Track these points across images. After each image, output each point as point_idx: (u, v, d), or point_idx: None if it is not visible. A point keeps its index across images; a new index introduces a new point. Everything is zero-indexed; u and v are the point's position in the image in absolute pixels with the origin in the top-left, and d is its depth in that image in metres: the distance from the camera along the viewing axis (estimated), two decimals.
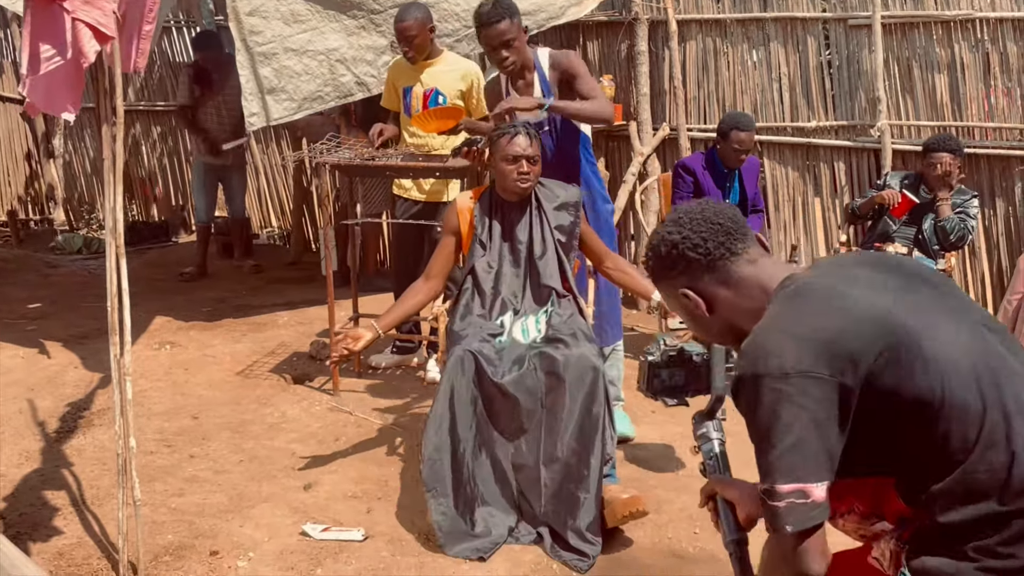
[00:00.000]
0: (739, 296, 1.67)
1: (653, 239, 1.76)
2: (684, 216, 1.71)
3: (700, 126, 6.29)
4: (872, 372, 1.46)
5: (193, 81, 6.97)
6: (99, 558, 3.07)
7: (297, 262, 7.71)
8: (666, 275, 1.74)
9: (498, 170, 3.53)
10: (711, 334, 1.77)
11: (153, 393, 4.65)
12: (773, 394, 1.47)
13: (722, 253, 1.68)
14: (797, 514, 1.46)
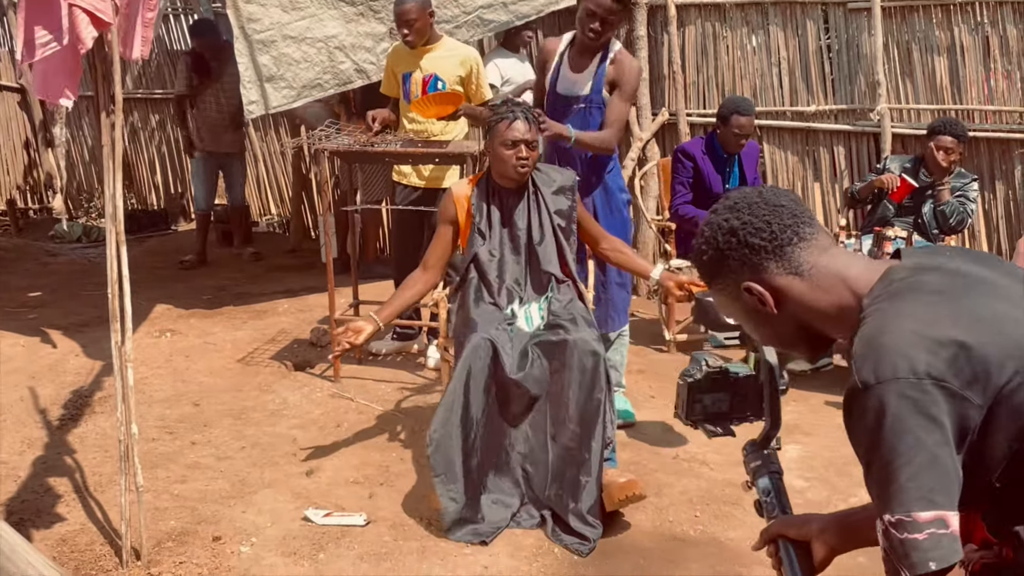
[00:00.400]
0: (814, 288, 1.44)
1: (706, 231, 1.51)
2: (740, 201, 1.49)
3: (699, 111, 6.28)
4: (1001, 392, 1.25)
5: (191, 69, 6.95)
6: (102, 544, 3.08)
7: (297, 250, 7.71)
8: (724, 270, 1.48)
9: (496, 156, 3.48)
10: (779, 337, 1.53)
11: (154, 380, 4.66)
12: (903, 404, 1.23)
13: (790, 237, 1.44)
14: (941, 548, 1.20)
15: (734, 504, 3.41)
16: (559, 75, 3.99)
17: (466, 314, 3.48)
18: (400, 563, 3.00)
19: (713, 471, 3.68)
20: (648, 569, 2.99)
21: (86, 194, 9.30)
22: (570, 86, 3.97)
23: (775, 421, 1.64)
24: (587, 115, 3.97)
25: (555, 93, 4.00)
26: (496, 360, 3.23)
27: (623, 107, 4.02)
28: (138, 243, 7.94)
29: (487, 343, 3.23)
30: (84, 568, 2.94)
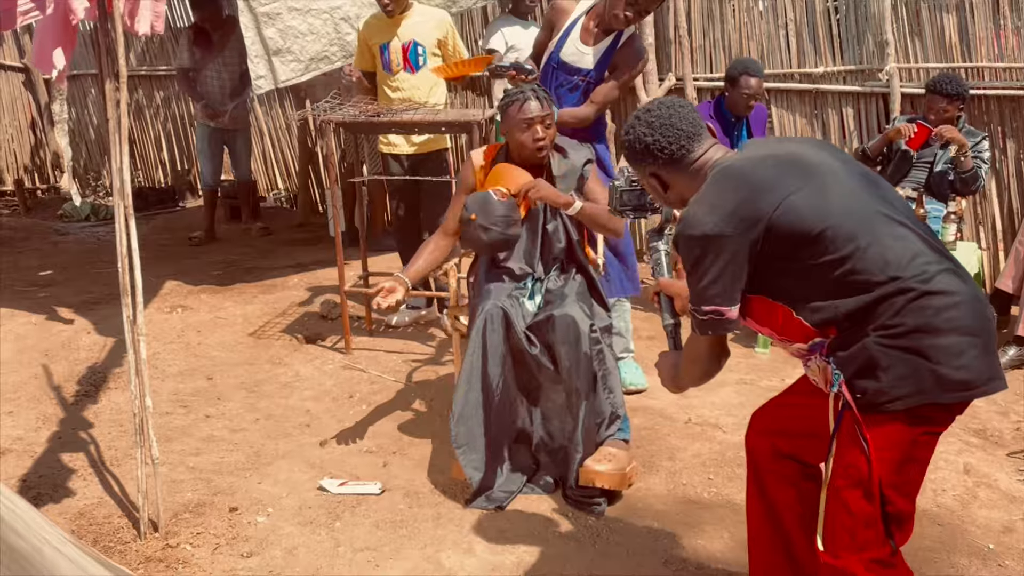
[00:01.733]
0: (690, 180, 2.14)
1: (631, 132, 2.17)
2: (655, 120, 2.14)
3: (707, 75, 6.22)
4: (769, 227, 1.95)
5: (192, 43, 6.92)
6: (120, 516, 3.11)
7: (305, 223, 7.71)
8: (637, 162, 2.21)
9: (513, 140, 3.41)
10: (666, 202, 2.27)
11: (167, 355, 4.68)
12: (697, 248, 2.00)
13: (682, 153, 2.13)
14: (713, 327, 2.06)
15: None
16: (566, 39, 3.94)
17: (479, 283, 3.47)
18: (416, 530, 3.02)
19: (726, 434, 3.68)
20: (663, 532, 3.00)
21: (93, 173, 9.31)
22: (575, 56, 3.93)
23: (667, 216, 2.40)
24: (581, 89, 3.93)
25: (557, 57, 3.96)
26: (509, 329, 3.22)
27: (613, 91, 3.97)
28: (146, 221, 7.95)
29: (499, 312, 3.22)
30: (103, 540, 2.96)
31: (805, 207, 1.95)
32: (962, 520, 3.04)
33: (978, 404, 3.92)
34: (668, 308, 2.34)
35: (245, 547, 2.93)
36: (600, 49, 3.91)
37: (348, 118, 4.51)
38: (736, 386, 4.18)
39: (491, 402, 3.21)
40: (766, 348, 4.63)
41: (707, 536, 2.96)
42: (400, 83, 4.76)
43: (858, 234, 1.93)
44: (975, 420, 3.77)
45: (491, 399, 3.21)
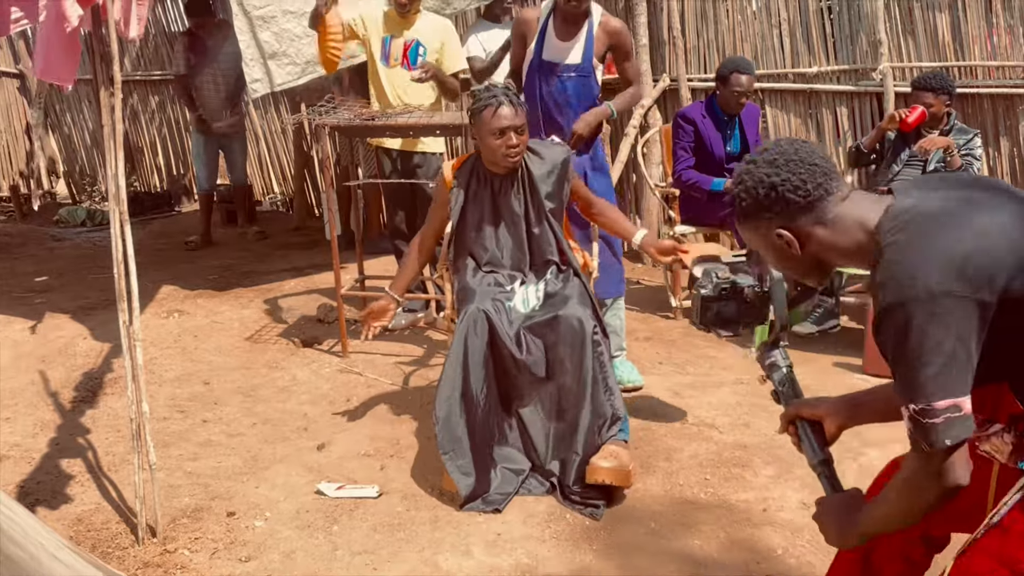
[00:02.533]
0: (835, 233, 1.70)
1: (747, 180, 1.74)
2: (779, 157, 1.72)
3: (700, 76, 6.25)
4: (1007, 286, 1.53)
5: (187, 49, 6.93)
6: (118, 522, 3.11)
7: (301, 227, 7.72)
8: (761, 216, 1.74)
9: (485, 145, 3.35)
10: (798, 271, 1.82)
11: (163, 360, 4.68)
12: (922, 316, 1.51)
13: (820, 194, 1.70)
14: (955, 428, 1.53)
15: (743, 467, 3.42)
16: (544, 43, 3.98)
17: (464, 284, 3.48)
18: (414, 533, 3.03)
19: (722, 434, 3.69)
20: (660, 533, 3.00)
21: (88, 178, 9.30)
22: (558, 53, 3.97)
23: (783, 324, 1.93)
24: (580, 84, 3.97)
25: (541, 60, 3.99)
26: (493, 332, 3.23)
27: (635, 63, 4.13)
28: (142, 225, 7.95)
29: (482, 316, 3.23)
30: (101, 546, 2.96)
31: None
32: None
33: None
34: (812, 441, 1.89)
35: (243, 551, 2.93)
36: (580, 40, 3.97)
37: (343, 122, 4.51)
38: (732, 386, 4.19)
39: (475, 406, 3.23)
40: None
41: (704, 536, 2.97)
42: (395, 78, 4.79)
43: None
44: None
45: (474, 403, 3.22)
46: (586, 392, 3.18)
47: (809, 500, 3.16)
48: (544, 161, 3.50)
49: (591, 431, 3.20)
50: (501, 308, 3.31)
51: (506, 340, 3.23)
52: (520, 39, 4.08)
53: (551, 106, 4.00)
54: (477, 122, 3.34)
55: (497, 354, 3.26)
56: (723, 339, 2.07)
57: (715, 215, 5.09)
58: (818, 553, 2.85)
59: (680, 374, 4.37)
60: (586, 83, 3.99)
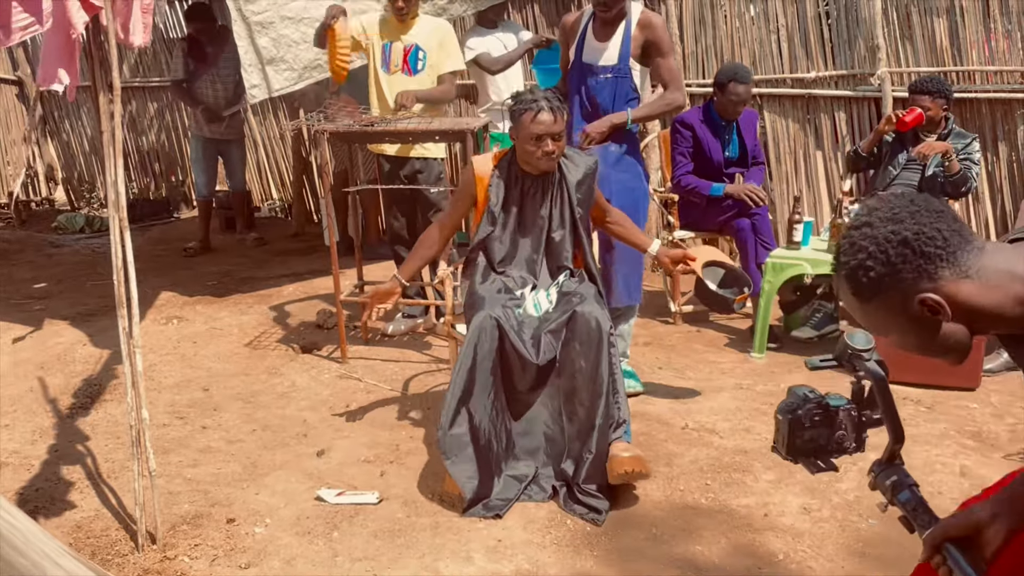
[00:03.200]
0: (986, 289, 1.42)
1: (868, 245, 1.44)
2: (900, 211, 1.44)
3: (699, 81, 6.25)
4: None
5: (187, 55, 6.93)
6: (117, 529, 3.10)
7: (300, 233, 7.72)
8: (895, 284, 1.44)
9: (522, 149, 3.38)
10: (940, 348, 1.50)
11: (163, 367, 4.68)
12: None
13: (959, 242, 1.42)
14: None
15: (744, 471, 3.42)
16: (584, 45, 4.01)
17: (473, 290, 3.48)
18: (414, 539, 3.02)
19: (723, 439, 3.69)
20: (661, 538, 3.00)
21: (87, 184, 9.30)
22: (596, 55, 3.98)
23: (898, 435, 1.63)
24: (616, 84, 3.96)
25: (580, 62, 4.01)
26: (502, 340, 3.23)
27: (672, 62, 4.05)
28: (141, 232, 7.95)
29: (492, 323, 3.23)
30: (100, 553, 2.96)
31: None
32: None
33: (973, 407, 3.94)
34: (970, 569, 1.49)
35: (243, 558, 2.93)
36: (617, 40, 3.96)
37: (342, 128, 4.52)
38: (733, 391, 4.19)
39: (481, 414, 3.22)
40: (762, 353, 4.64)
41: (705, 542, 2.97)
42: (396, 84, 4.79)
43: None
44: (971, 423, 3.78)
45: (481, 411, 3.22)
46: (602, 391, 3.19)
47: (810, 505, 3.16)
48: (578, 168, 3.52)
49: (604, 431, 3.20)
50: (511, 315, 3.31)
51: (517, 345, 3.22)
52: (564, 43, 4.14)
53: (588, 107, 4.01)
54: (516, 124, 3.37)
55: (506, 360, 3.26)
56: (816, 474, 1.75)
57: (714, 220, 5.09)
58: (819, 558, 2.85)
59: (680, 379, 4.37)
60: (623, 83, 3.96)
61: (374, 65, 4.85)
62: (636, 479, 3.18)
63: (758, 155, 5.24)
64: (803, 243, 4.66)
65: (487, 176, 3.51)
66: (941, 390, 4.07)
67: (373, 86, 4.89)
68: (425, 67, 4.82)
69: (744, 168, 5.18)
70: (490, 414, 3.25)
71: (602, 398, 3.19)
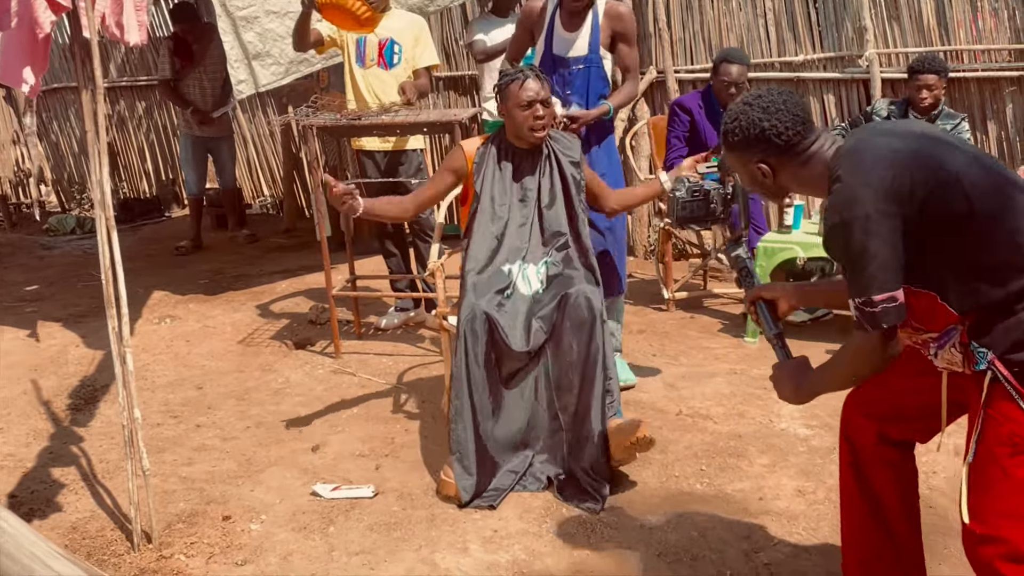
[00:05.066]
0: (803, 168, 2.08)
1: (741, 120, 2.09)
2: (770, 105, 2.07)
3: (687, 67, 6.24)
4: (924, 201, 1.89)
5: (173, 54, 6.91)
6: (112, 529, 3.10)
7: (292, 229, 7.70)
8: (746, 149, 2.11)
9: (512, 118, 3.39)
10: (766, 193, 2.20)
11: (156, 366, 4.67)
12: (860, 231, 1.88)
13: (797, 139, 2.06)
14: (891, 315, 1.91)
15: (739, 456, 3.42)
16: (553, 36, 3.96)
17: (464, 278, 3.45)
18: (410, 531, 3.02)
19: (717, 425, 3.69)
20: (656, 525, 3.00)
21: (77, 185, 9.28)
22: (567, 46, 3.95)
23: (746, 222, 2.48)
24: (587, 75, 3.95)
25: (551, 55, 3.97)
26: (492, 332, 3.22)
27: (635, 53, 4.09)
28: (132, 232, 7.94)
29: (483, 317, 3.21)
30: (96, 554, 2.95)
31: (956, 184, 1.90)
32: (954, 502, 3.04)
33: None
34: (770, 317, 2.32)
35: (239, 555, 2.92)
36: (586, 30, 3.95)
37: (330, 122, 4.50)
38: (727, 376, 4.19)
39: (477, 412, 3.22)
40: (755, 337, 4.64)
41: (700, 527, 2.97)
42: (371, 78, 4.77)
43: (1006, 212, 1.91)
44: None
45: (476, 410, 3.22)
46: (596, 372, 3.18)
47: (804, 487, 3.16)
48: (570, 149, 3.54)
49: (600, 411, 3.19)
50: (500, 304, 3.30)
51: (507, 335, 3.21)
52: (527, 31, 4.07)
53: (562, 99, 3.98)
54: (504, 96, 3.39)
55: (499, 355, 3.25)
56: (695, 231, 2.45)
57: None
58: (814, 540, 2.85)
59: (674, 365, 4.37)
60: (595, 73, 3.96)
61: (348, 61, 4.82)
62: (642, 449, 3.16)
63: None
64: (794, 226, 4.66)
65: (474, 152, 3.51)
66: None
67: (349, 82, 4.86)
68: (401, 61, 4.80)
69: None
70: (488, 409, 3.24)
71: (597, 376, 3.19)
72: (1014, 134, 5.41)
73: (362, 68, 4.79)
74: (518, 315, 3.31)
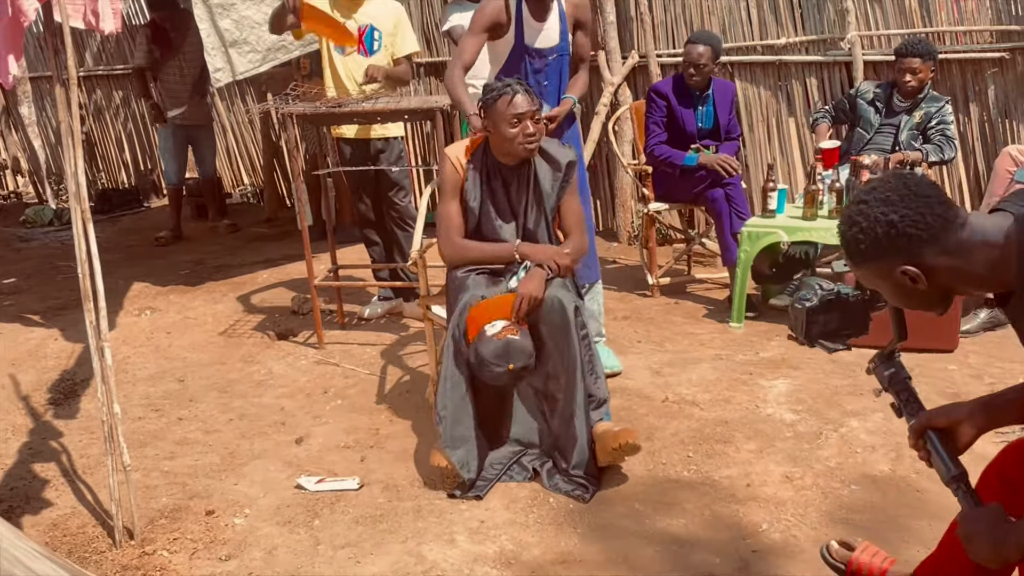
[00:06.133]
0: (962, 260, 1.69)
1: (861, 221, 1.71)
2: (891, 194, 1.70)
3: (669, 51, 6.20)
4: None
5: (151, 41, 6.82)
6: (94, 526, 3.05)
7: (273, 218, 7.64)
8: (881, 257, 1.72)
9: (500, 134, 3.26)
10: (923, 303, 1.79)
11: (136, 359, 4.62)
12: None
13: (941, 224, 1.68)
14: None
15: (725, 442, 3.41)
16: (523, 28, 3.90)
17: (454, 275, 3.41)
18: (396, 523, 2.99)
19: (703, 411, 3.68)
20: (644, 513, 2.98)
21: (55, 176, 9.17)
22: (539, 37, 3.90)
23: (901, 334, 1.91)
24: (560, 64, 3.92)
25: (525, 47, 3.90)
26: None
27: (589, 42, 4.08)
28: (111, 223, 7.86)
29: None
30: (78, 551, 2.91)
31: None
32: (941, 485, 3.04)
33: (951, 368, 3.95)
34: (946, 455, 1.83)
35: (223, 550, 2.89)
36: (554, 21, 3.92)
37: (309, 110, 4.44)
38: (712, 362, 4.18)
39: (473, 396, 3.19)
40: (740, 322, 4.63)
41: (688, 515, 2.95)
42: (352, 65, 4.72)
43: None
44: (951, 385, 3.78)
45: (473, 393, 3.18)
46: (576, 375, 3.15)
47: (792, 473, 3.15)
48: (552, 160, 3.43)
49: (585, 412, 3.17)
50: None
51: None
52: (496, 28, 3.89)
53: (537, 91, 3.92)
54: (492, 112, 3.26)
55: None
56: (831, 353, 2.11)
57: (688, 191, 5.06)
58: (802, 527, 2.84)
59: (659, 352, 4.36)
60: (567, 63, 3.95)
61: (327, 47, 4.76)
62: (628, 453, 3.13)
63: (733, 130, 5.20)
64: (778, 211, 4.64)
65: (462, 162, 3.43)
66: (920, 353, 4.07)
67: (328, 68, 4.80)
68: (381, 47, 4.75)
69: (717, 141, 5.13)
70: (478, 400, 3.21)
71: (578, 380, 3.16)
72: (996, 115, 5.40)
73: (342, 55, 4.73)
74: None
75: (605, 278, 5.34)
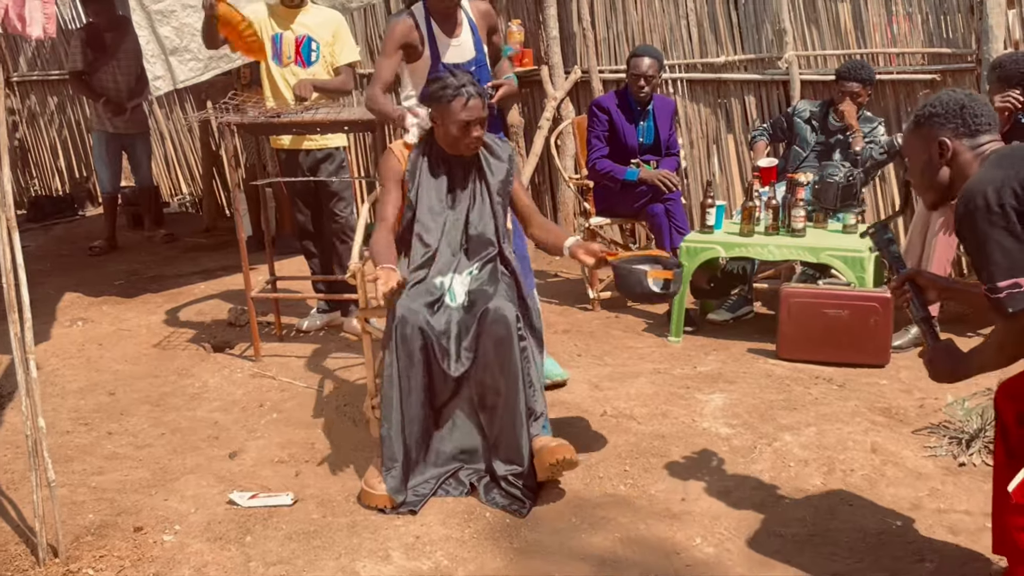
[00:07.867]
0: (968, 160, 2.25)
1: (944, 96, 2.28)
2: (975, 95, 2.29)
3: (611, 67, 6.26)
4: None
5: (85, 44, 6.70)
6: (17, 543, 2.96)
7: (211, 229, 7.53)
8: (936, 124, 2.27)
9: (447, 133, 3.32)
10: (927, 181, 2.33)
11: (66, 371, 4.51)
12: (984, 222, 2.09)
13: (986, 128, 2.25)
14: (1016, 300, 2.08)
15: (661, 456, 3.43)
16: (437, 46, 3.91)
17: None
18: (330, 539, 2.95)
19: (641, 425, 3.70)
20: (580, 527, 2.98)
21: None
22: (455, 53, 3.93)
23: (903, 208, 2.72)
24: (481, 75, 3.92)
25: (441, 65, 3.86)
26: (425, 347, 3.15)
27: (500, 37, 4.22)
28: (44, 231, 7.68)
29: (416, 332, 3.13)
30: None
31: None
32: (871, 498, 3.10)
33: (883, 383, 4.02)
34: (920, 301, 2.45)
35: (151, 568, 2.82)
36: (466, 33, 3.97)
37: (248, 120, 4.39)
38: (650, 376, 4.20)
39: (409, 425, 3.16)
40: (678, 337, 4.67)
41: (624, 528, 2.96)
42: (289, 76, 4.67)
43: None
44: (881, 399, 3.85)
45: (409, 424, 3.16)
46: (517, 385, 3.14)
47: (726, 489, 3.18)
48: (497, 153, 3.50)
49: (523, 425, 3.16)
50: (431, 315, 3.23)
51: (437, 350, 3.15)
52: (399, 50, 3.90)
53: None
54: (443, 109, 3.30)
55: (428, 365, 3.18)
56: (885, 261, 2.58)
57: (629, 206, 5.10)
58: (736, 540, 2.86)
59: (599, 365, 4.37)
60: (485, 72, 3.98)
61: (265, 58, 4.71)
62: (566, 468, 3.14)
63: (673, 146, 5.26)
64: (716, 226, 4.69)
65: (405, 159, 3.45)
66: (852, 367, 4.14)
67: (266, 80, 4.75)
68: (319, 58, 4.71)
69: (658, 156, 5.19)
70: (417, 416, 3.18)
71: (519, 390, 3.15)
72: None
73: (279, 66, 4.68)
74: (450, 332, 3.22)
75: (546, 291, 5.36)
